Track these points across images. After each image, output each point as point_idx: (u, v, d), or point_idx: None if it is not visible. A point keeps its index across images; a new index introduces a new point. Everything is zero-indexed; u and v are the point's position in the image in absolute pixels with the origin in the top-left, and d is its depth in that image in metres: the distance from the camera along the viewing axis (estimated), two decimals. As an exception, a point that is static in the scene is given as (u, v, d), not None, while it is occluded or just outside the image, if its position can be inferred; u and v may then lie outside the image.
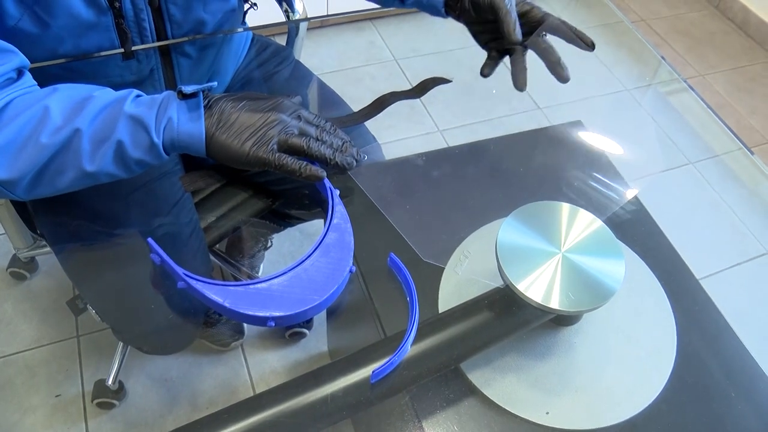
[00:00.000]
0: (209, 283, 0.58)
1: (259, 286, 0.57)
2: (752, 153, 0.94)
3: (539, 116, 1.93)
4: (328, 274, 0.58)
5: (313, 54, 2.13)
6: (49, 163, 0.63)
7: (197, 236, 0.94)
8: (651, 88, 1.96)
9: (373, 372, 0.56)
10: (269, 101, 0.69)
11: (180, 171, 0.98)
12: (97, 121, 0.63)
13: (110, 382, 1.31)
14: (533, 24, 0.76)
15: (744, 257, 1.73)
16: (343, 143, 0.71)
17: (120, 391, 1.33)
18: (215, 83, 0.67)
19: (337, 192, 0.67)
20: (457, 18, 0.82)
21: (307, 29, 2.15)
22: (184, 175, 0.72)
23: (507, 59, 0.81)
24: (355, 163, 0.71)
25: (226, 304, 0.56)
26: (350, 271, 0.60)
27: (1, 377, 1.37)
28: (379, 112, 0.81)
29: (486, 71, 0.79)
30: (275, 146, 0.66)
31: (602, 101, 2.03)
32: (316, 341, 1.45)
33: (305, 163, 0.67)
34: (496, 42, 0.79)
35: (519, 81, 0.77)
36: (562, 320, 0.71)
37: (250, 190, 1.06)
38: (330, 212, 0.64)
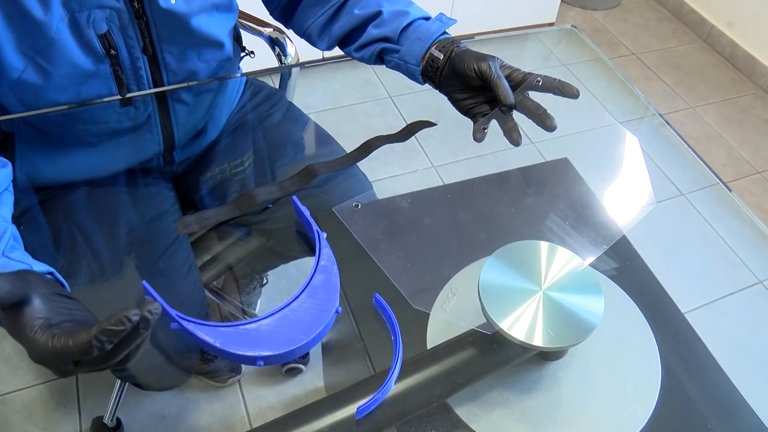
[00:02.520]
0: (201, 324, 0.60)
1: (248, 326, 0.59)
2: (730, 190, 0.96)
3: (532, 151, 1.96)
4: (315, 315, 0.60)
5: (309, 92, 2.18)
6: None
7: (193, 275, 0.96)
8: (644, 121, 1.99)
9: (357, 409, 0.57)
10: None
11: (177, 212, 1.00)
12: None
13: (107, 419, 1.31)
14: (516, 85, 0.79)
15: (736, 287, 1.74)
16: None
17: (117, 429, 1.34)
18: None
19: (324, 235, 0.69)
20: (437, 87, 0.85)
21: (302, 68, 2.20)
22: (177, 219, 0.75)
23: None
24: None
25: (217, 345, 0.58)
26: (336, 312, 0.62)
27: (-1, 416, 1.38)
28: (365, 156, 0.84)
29: (479, 136, 0.81)
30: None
31: (594, 135, 2.07)
32: (312, 377, 1.46)
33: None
34: (480, 106, 0.82)
35: (513, 137, 0.79)
36: (547, 355, 0.73)
37: (245, 229, 1.09)
38: (317, 255, 0.66)
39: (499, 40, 2.50)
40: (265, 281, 1.55)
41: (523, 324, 0.63)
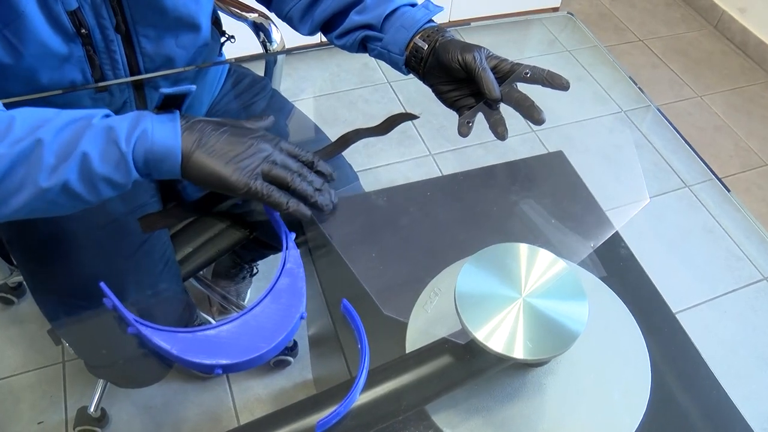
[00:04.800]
0: (157, 329, 0.57)
1: (207, 332, 0.56)
2: (728, 189, 0.92)
3: (533, 139, 1.92)
4: (277, 321, 0.57)
5: (306, 77, 2.13)
6: (6, 177, 0.59)
7: (170, 270, 0.93)
8: (650, 109, 1.94)
9: (317, 423, 0.54)
10: (250, 130, 0.68)
11: (156, 203, 0.97)
12: (63, 134, 0.60)
13: (92, 409, 1.30)
14: (503, 76, 0.75)
15: (739, 284, 1.70)
16: (322, 182, 0.70)
17: (102, 419, 1.32)
18: (194, 87, 0.65)
19: (293, 236, 0.66)
20: (421, 78, 0.81)
21: (300, 52, 2.15)
22: (142, 216, 0.71)
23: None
24: (332, 206, 0.70)
25: (174, 351, 0.55)
26: (301, 318, 0.59)
27: (-15, 404, 1.37)
28: (342, 150, 0.81)
29: (464, 131, 0.78)
30: (258, 174, 0.64)
31: (597, 123, 2.02)
32: (301, 369, 1.44)
33: (291, 198, 0.65)
34: (465, 99, 0.79)
35: (498, 131, 0.76)
36: (530, 361, 0.70)
37: (228, 220, 1.06)
38: (283, 257, 0.63)
39: (502, 25, 2.45)
40: (255, 271, 1.52)
41: (501, 334, 0.60)
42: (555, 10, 2.46)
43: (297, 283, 0.60)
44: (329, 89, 2.11)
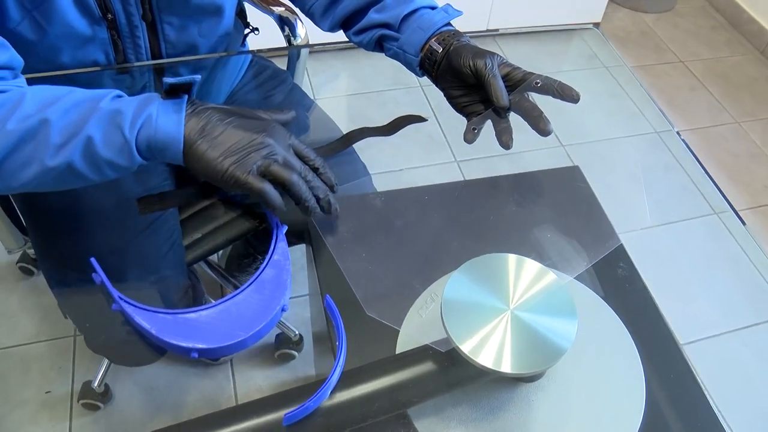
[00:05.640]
0: (139, 308, 0.57)
1: (188, 315, 0.57)
2: (744, 223, 0.89)
3: (560, 154, 1.90)
4: (257, 311, 0.57)
5: (339, 75, 2.14)
6: (13, 152, 0.60)
7: (176, 253, 0.94)
8: (684, 133, 1.90)
9: (285, 415, 0.54)
10: (260, 123, 0.66)
11: (169, 186, 0.99)
12: (70, 115, 0.61)
13: (96, 384, 1.32)
14: (514, 85, 0.74)
15: (762, 317, 1.65)
16: (325, 192, 0.68)
17: (106, 394, 1.35)
18: (198, 76, 0.64)
19: (284, 228, 0.66)
20: (434, 81, 0.81)
21: (336, 50, 2.16)
22: (141, 198, 0.72)
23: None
24: (334, 213, 0.69)
25: (153, 332, 0.56)
26: (282, 310, 0.59)
27: (-3, 369, 1.40)
28: (345, 148, 0.81)
29: (469, 137, 0.77)
30: (255, 169, 0.63)
31: (627, 142, 1.98)
32: (305, 364, 1.44)
33: (283, 200, 0.64)
34: (475, 105, 0.78)
35: (503, 140, 0.76)
36: (513, 376, 0.68)
37: (239, 209, 1.06)
38: (271, 248, 0.63)
39: (541, 36, 2.42)
40: (268, 262, 1.53)
41: (485, 346, 0.59)
42: (597, 25, 2.43)
43: (282, 275, 0.60)
44: (362, 89, 2.11)
